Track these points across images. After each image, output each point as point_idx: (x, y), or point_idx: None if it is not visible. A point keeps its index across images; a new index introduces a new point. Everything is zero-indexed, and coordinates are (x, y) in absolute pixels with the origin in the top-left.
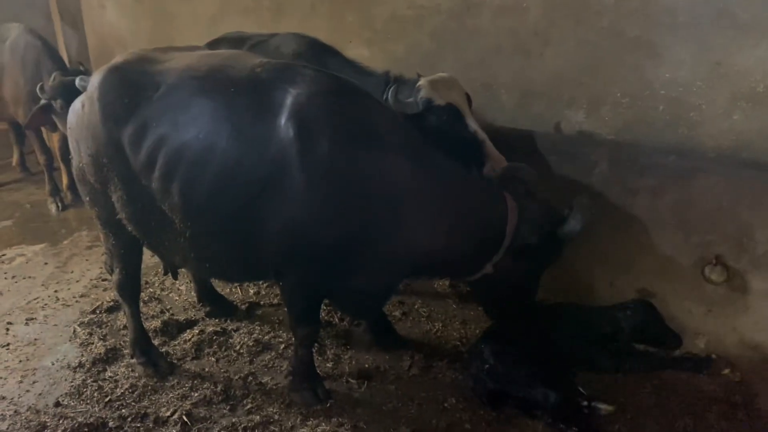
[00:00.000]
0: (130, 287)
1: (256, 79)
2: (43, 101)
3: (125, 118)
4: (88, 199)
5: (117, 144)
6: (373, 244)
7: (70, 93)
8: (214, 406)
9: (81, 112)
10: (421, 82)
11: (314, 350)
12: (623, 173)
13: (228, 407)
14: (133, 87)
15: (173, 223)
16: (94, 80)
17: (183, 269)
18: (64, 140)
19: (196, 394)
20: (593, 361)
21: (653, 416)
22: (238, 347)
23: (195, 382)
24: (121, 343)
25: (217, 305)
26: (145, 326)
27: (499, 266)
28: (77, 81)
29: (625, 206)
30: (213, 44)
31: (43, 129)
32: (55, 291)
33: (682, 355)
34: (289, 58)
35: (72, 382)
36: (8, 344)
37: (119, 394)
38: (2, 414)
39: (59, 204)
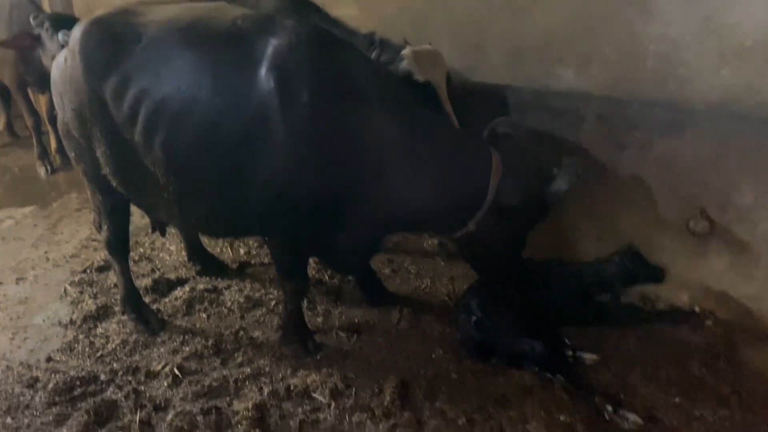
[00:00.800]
0: (120, 244)
1: (237, 31)
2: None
3: (107, 71)
4: (73, 154)
5: (99, 98)
6: (356, 198)
7: (61, 25)
8: (205, 359)
9: (64, 66)
10: (406, 51)
11: (304, 305)
12: (611, 128)
13: (219, 361)
14: (115, 39)
15: (157, 178)
16: (76, 33)
17: (172, 228)
18: (51, 103)
19: (187, 349)
20: (579, 315)
21: (637, 365)
22: (229, 304)
23: (186, 337)
24: (112, 300)
25: (207, 264)
26: (136, 285)
27: (481, 224)
28: (60, 35)
29: (612, 161)
30: None
31: (30, 92)
32: (45, 252)
33: (665, 308)
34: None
35: (63, 338)
36: None
37: (110, 349)
38: None
39: (48, 167)
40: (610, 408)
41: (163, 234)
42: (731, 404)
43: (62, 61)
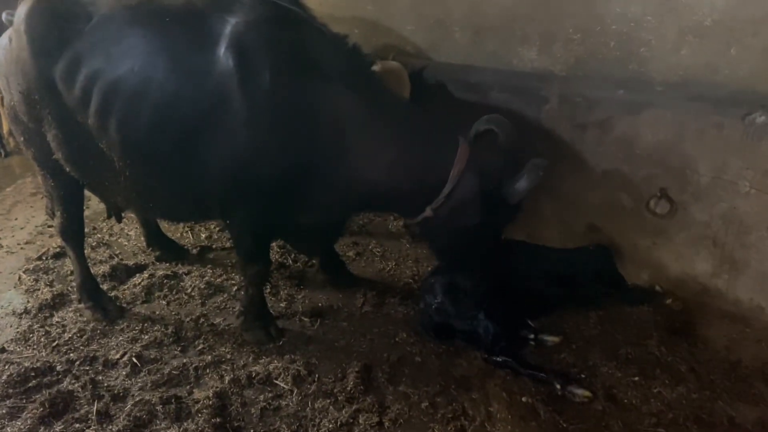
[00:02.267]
0: (74, 230)
1: (192, 8)
2: None
3: (56, 52)
4: (22, 139)
5: (48, 80)
6: (318, 178)
7: None
8: (165, 347)
9: (9, 47)
10: (375, 67)
11: (267, 291)
12: (572, 109)
13: (179, 348)
14: (62, 18)
15: (112, 162)
16: (21, 12)
17: (129, 212)
18: None
19: (146, 337)
20: (542, 295)
21: (597, 345)
22: (189, 290)
23: (145, 325)
24: (69, 288)
25: (167, 249)
26: (93, 271)
27: (439, 212)
28: (3, 15)
29: (573, 141)
30: None
31: None
32: None
33: (626, 287)
34: None
35: (17, 328)
36: None
37: (67, 338)
38: None
39: (1, 151)
40: (558, 386)
41: (119, 220)
42: (688, 381)
43: (7, 41)
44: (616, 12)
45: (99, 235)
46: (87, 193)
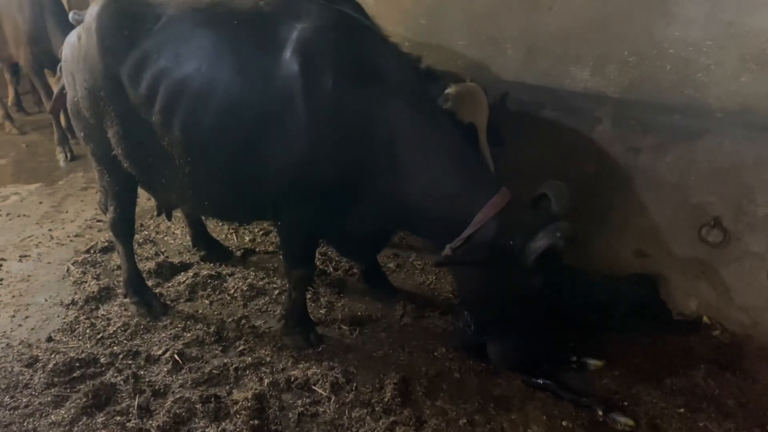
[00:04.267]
0: (125, 226)
1: (260, 13)
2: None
3: (124, 50)
4: (82, 134)
5: (115, 77)
6: (367, 185)
7: None
8: (206, 346)
9: (77, 45)
10: (451, 90)
11: (308, 297)
12: (626, 132)
13: (220, 348)
14: (132, 18)
15: (172, 159)
16: (92, 11)
17: (178, 212)
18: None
19: (188, 335)
20: (586, 321)
21: (641, 373)
22: (232, 291)
23: (188, 323)
24: (115, 282)
25: (211, 250)
26: (139, 268)
27: (457, 253)
28: (71, 15)
29: (626, 165)
30: None
31: (46, 72)
32: (50, 230)
33: (673, 316)
34: None
35: (64, 318)
36: (1, 280)
37: (111, 331)
38: None
39: (68, 154)
40: (600, 412)
41: (169, 218)
42: (737, 417)
43: (75, 39)
44: (675, 36)
45: (146, 232)
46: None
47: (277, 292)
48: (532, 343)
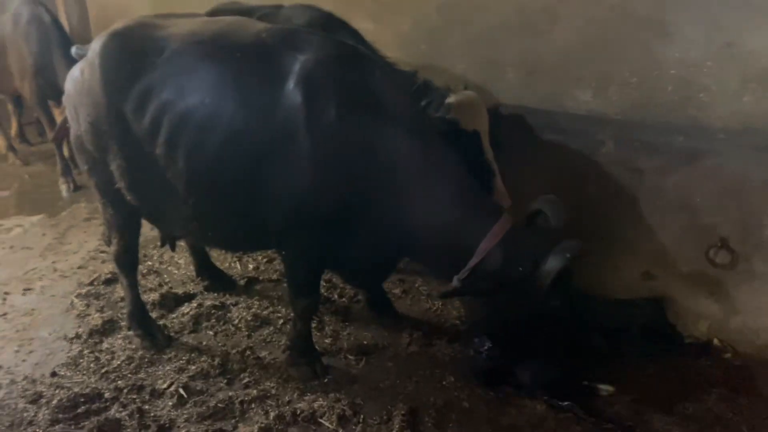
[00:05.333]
0: (128, 259)
1: (262, 45)
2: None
3: (128, 83)
4: (86, 168)
5: (118, 110)
6: (371, 215)
7: None
8: (211, 379)
9: (80, 79)
10: (452, 100)
11: (313, 326)
12: (629, 153)
13: (225, 381)
14: (135, 52)
15: (176, 191)
16: (95, 46)
17: (181, 242)
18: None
19: (193, 367)
20: (596, 346)
21: (653, 398)
22: (236, 321)
23: (192, 355)
24: (119, 315)
25: (215, 279)
26: (143, 299)
27: (466, 284)
28: (73, 50)
29: (630, 187)
30: (211, 14)
31: (51, 104)
32: (53, 262)
33: (684, 340)
34: None
35: (68, 352)
36: (5, 314)
37: (116, 365)
38: None
39: (71, 184)
40: None
41: (173, 248)
42: None
43: (78, 73)
44: (675, 57)
45: (149, 263)
46: None
47: (281, 321)
48: (552, 361)
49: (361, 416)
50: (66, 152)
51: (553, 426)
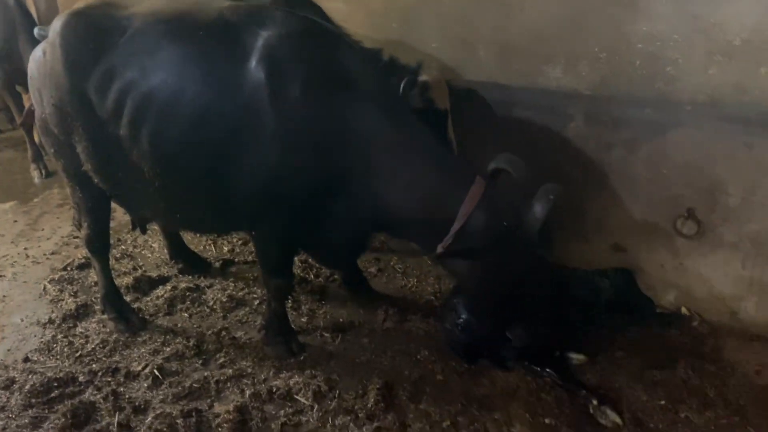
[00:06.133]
0: (100, 242)
1: (225, 22)
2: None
3: (90, 64)
4: (53, 151)
5: (81, 91)
6: (342, 192)
7: None
8: (187, 360)
9: (42, 60)
10: (426, 79)
11: (288, 305)
12: (599, 128)
13: (200, 361)
14: (97, 32)
15: (142, 173)
16: (56, 25)
17: (153, 224)
18: None
19: (168, 349)
20: (567, 317)
21: (623, 367)
22: (211, 303)
23: (167, 337)
24: (93, 299)
25: (189, 262)
26: (116, 283)
27: (450, 251)
28: (36, 31)
29: (600, 161)
30: None
31: (20, 88)
32: (25, 248)
33: (653, 308)
34: None
35: (41, 338)
36: None
37: (90, 349)
38: None
39: (43, 170)
40: (595, 402)
41: (143, 231)
42: (717, 406)
43: (41, 54)
44: (643, 31)
45: (123, 247)
46: (113, 204)
47: (257, 302)
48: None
49: (337, 391)
50: (36, 138)
51: (525, 395)
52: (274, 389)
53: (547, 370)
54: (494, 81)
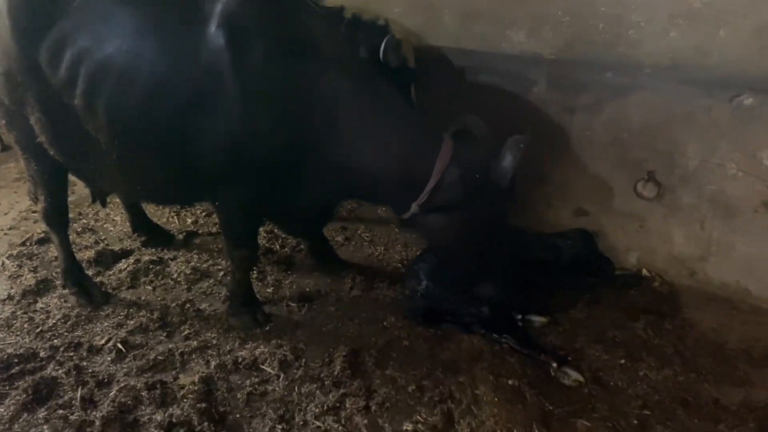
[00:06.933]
0: (57, 215)
1: None
2: None
3: (40, 31)
4: (4, 122)
5: (32, 60)
6: (308, 159)
7: None
8: (151, 333)
9: None
10: (396, 38)
11: (254, 276)
12: (561, 92)
13: (165, 334)
14: None
15: (99, 144)
16: None
17: (114, 197)
18: None
19: (131, 322)
20: (528, 280)
21: (584, 328)
22: (175, 275)
23: (131, 310)
24: (53, 274)
25: (153, 235)
26: (78, 257)
27: (426, 208)
28: None
29: (562, 125)
30: None
31: None
32: None
33: (614, 271)
34: None
35: (1, 314)
36: None
37: (51, 324)
38: None
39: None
40: (555, 364)
41: (103, 205)
42: (675, 364)
43: None
44: None
45: (84, 221)
46: (72, 177)
47: (222, 273)
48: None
49: (303, 360)
50: None
51: (490, 358)
52: (240, 360)
53: (505, 336)
54: (459, 46)
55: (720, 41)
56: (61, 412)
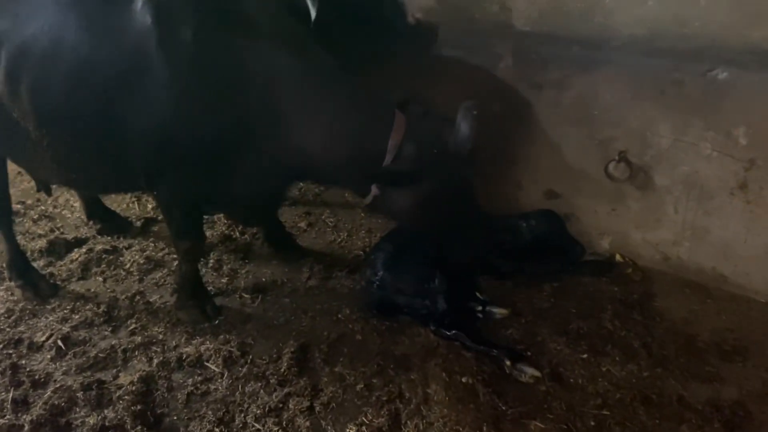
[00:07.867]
0: None
1: None
2: None
3: None
4: None
5: None
6: (247, 143)
7: None
8: (95, 327)
9: None
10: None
11: (210, 265)
12: (528, 67)
13: (110, 329)
14: None
15: (27, 132)
16: None
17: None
18: None
19: (77, 317)
20: (493, 267)
21: (548, 319)
22: (128, 265)
23: (77, 303)
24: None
25: (109, 222)
26: (31, 246)
27: (386, 188)
28: None
29: (530, 102)
30: None
31: None
32: None
33: (583, 248)
34: None
35: None
36: None
37: None
38: None
39: None
40: (508, 362)
41: (48, 193)
42: (640, 358)
43: None
44: None
45: (42, 207)
46: None
47: (176, 263)
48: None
49: (250, 356)
50: None
51: (444, 353)
52: (184, 356)
53: (455, 332)
54: (432, 18)
55: (700, 10)
56: None
